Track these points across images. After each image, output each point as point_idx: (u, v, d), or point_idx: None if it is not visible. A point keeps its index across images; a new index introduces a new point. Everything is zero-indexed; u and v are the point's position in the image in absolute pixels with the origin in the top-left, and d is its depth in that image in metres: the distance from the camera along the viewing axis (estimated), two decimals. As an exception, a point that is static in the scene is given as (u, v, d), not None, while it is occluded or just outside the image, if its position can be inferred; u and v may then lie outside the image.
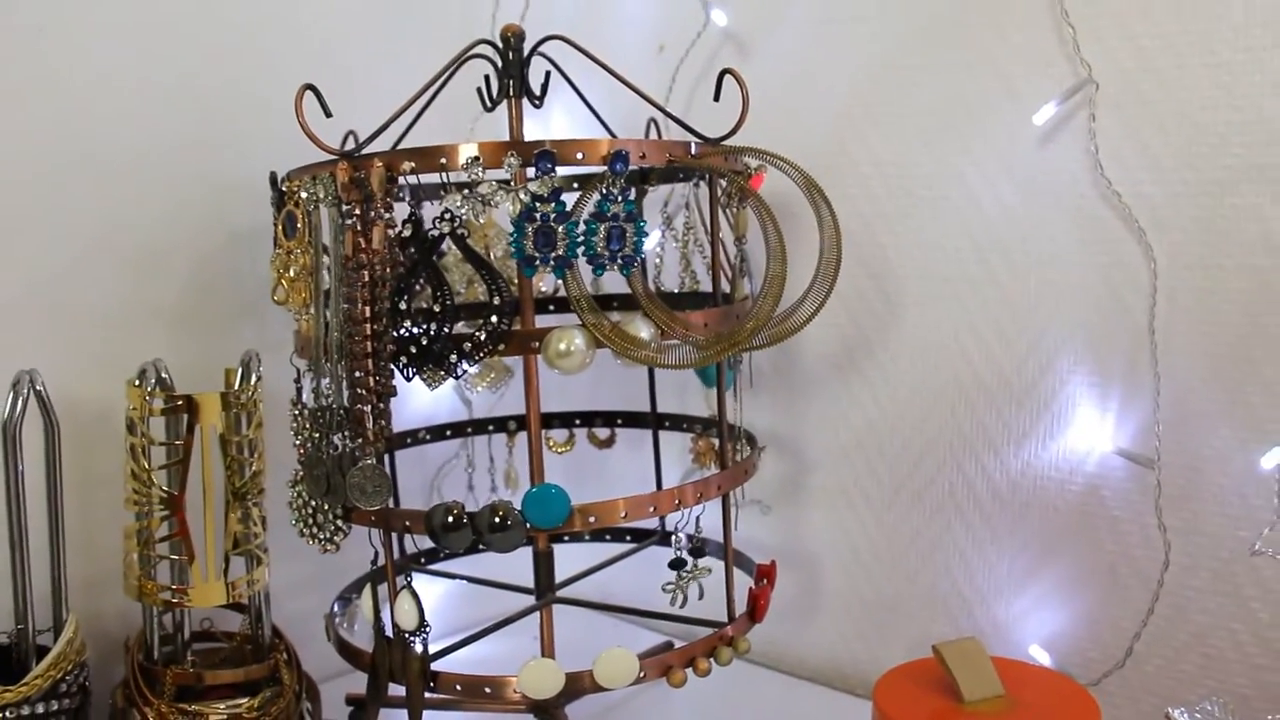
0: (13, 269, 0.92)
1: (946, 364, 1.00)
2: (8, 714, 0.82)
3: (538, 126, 1.06)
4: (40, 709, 0.83)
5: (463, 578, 1.05)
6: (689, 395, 1.10)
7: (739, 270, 0.92)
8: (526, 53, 0.86)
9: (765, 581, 0.93)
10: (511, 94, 0.87)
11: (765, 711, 1.05)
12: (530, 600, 0.96)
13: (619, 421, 1.09)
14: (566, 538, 1.07)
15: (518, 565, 1.05)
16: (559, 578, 0.95)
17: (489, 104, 0.90)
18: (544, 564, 0.93)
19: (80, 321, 0.96)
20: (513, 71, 0.87)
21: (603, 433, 1.10)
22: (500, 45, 0.86)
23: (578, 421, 1.09)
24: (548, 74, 0.88)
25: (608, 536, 1.12)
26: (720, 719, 1.03)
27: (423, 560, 1.05)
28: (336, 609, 0.97)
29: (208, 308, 1.02)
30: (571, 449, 1.10)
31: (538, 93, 0.86)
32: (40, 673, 0.83)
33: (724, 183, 0.87)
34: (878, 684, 0.83)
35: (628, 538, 1.11)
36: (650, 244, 0.97)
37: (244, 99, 1.04)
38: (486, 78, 0.86)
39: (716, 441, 1.02)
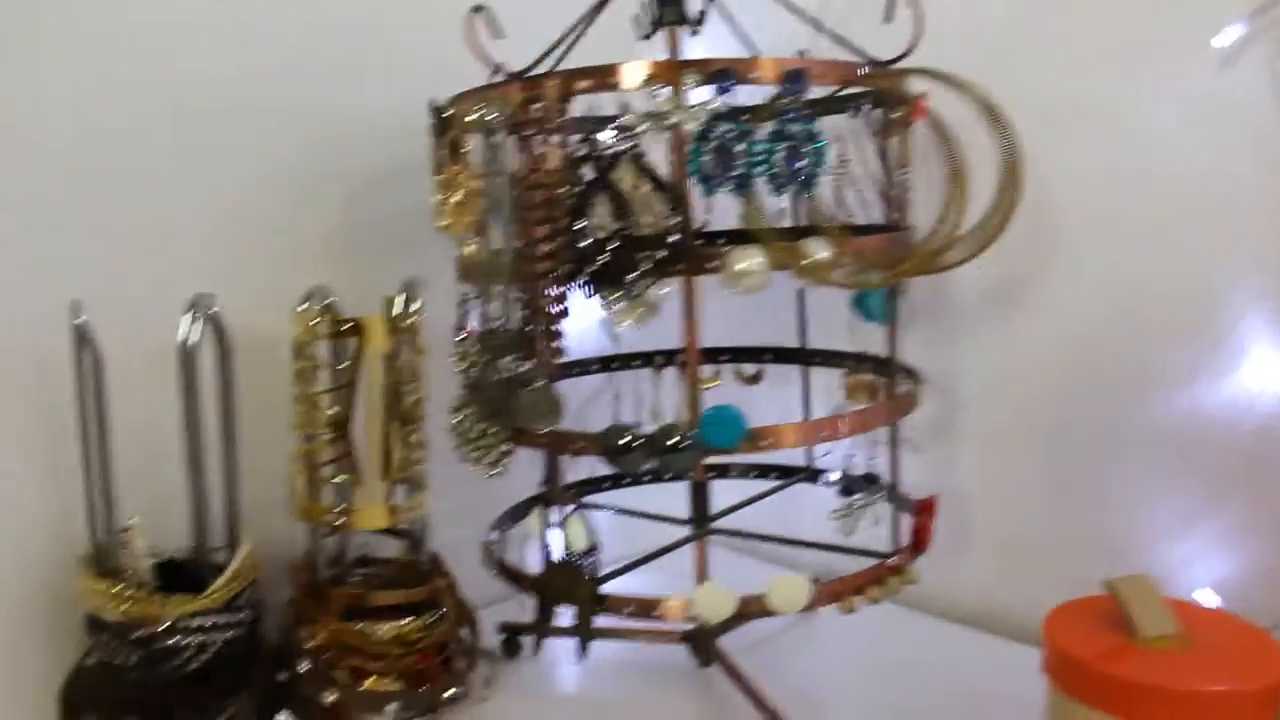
0: (183, 202, 0.94)
1: (1110, 299, 0.97)
2: (191, 623, 0.84)
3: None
4: (220, 620, 0.85)
5: (618, 510, 1.05)
6: (833, 334, 1.08)
7: (906, 198, 0.90)
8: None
9: (926, 514, 0.92)
10: (668, 21, 0.86)
11: (915, 654, 1.04)
12: (684, 532, 0.96)
13: (768, 357, 1.07)
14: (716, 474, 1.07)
15: (665, 500, 1.06)
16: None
17: (648, 30, 0.89)
18: (701, 496, 0.93)
19: (245, 253, 0.97)
20: (671, -1, 0.85)
21: (749, 370, 1.08)
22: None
23: (725, 357, 1.08)
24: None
25: (754, 474, 1.11)
26: (869, 661, 1.03)
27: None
28: (494, 535, 0.97)
29: (363, 239, 1.03)
30: (717, 385, 1.09)
31: (694, 19, 0.85)
32: (220, 586, 0.85)
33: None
34: (1049, 617, 0.81)
35: (773, 475, 1.11)
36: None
37: (395, 31, 1.04)
38: (644, 3, 0.85)
39: (869, 378, 1.00)
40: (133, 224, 0.92)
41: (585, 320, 0.82)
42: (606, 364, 1.06)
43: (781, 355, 1.07)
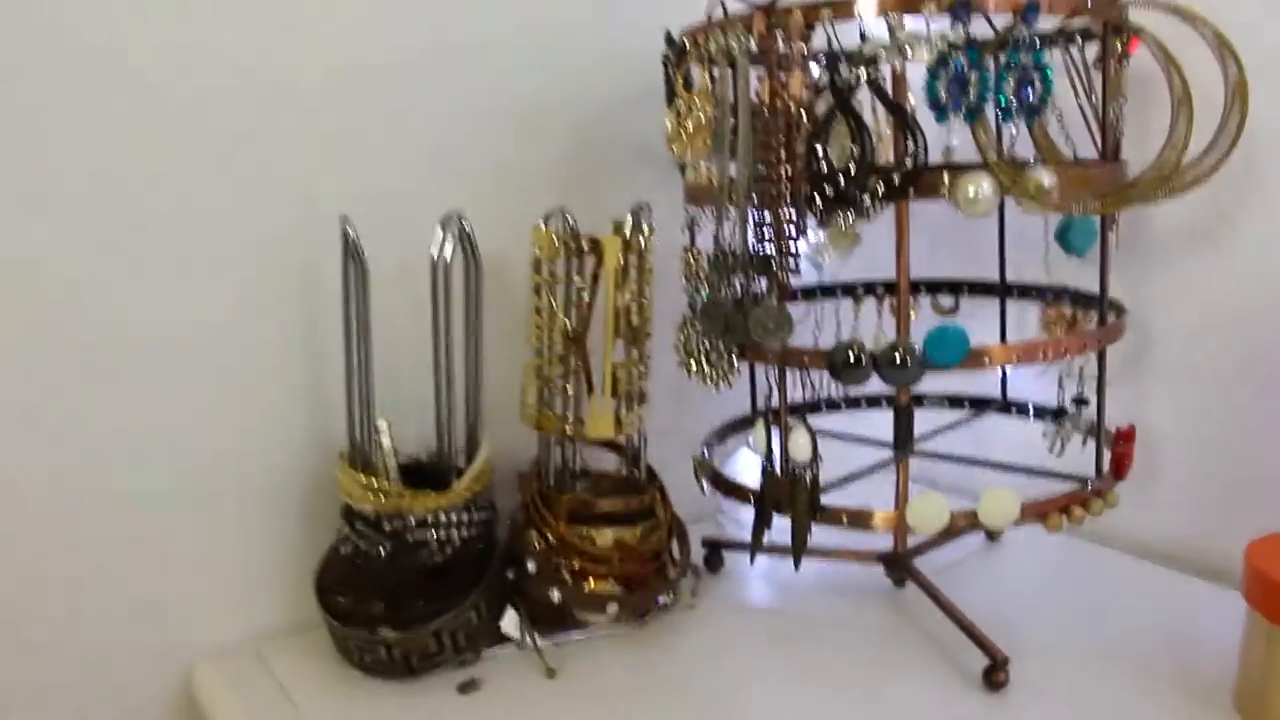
0: (434, 130, 1.02)
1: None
2: (438, 518, 0.91)
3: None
4: (462, 517, 0.93)
5: (825, 433, 1.10)
6: (1025, 268, 1.11)
7: (1120, 130, 0.92)
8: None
9: (1127, 442, 0.94)
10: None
11: (1102, 587, 1.07)
12: (886, 455, 1.00)
13: (965, 290, 1.11)
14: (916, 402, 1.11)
15: (862, 424, 1.10)
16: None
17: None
18: (905, 419, 0.97)
19: (488, 175, 1.05)
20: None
21: (947, 301, 1.12)
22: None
23: (922, 289, 1.12)
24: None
25: (947, 405, 1.15)
26: (1058, 591, 1.06)
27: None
28: (705, 453, 1.03)
29: (592, 164, 1.10)
30: (916, 317, 1.13)
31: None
32: (465, 485, 0.93)
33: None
34: (1251, 546, 0.83)
35: (966, 406, 1.14)
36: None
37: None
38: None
39: (1067, 310, 1.03)
40: (391, 147, 1.00)
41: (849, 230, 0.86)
42: (809, 294, 1.10)
43: (978, 288, 1.10)
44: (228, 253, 0.93)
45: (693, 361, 0.92)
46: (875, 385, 1.06)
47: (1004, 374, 1.12)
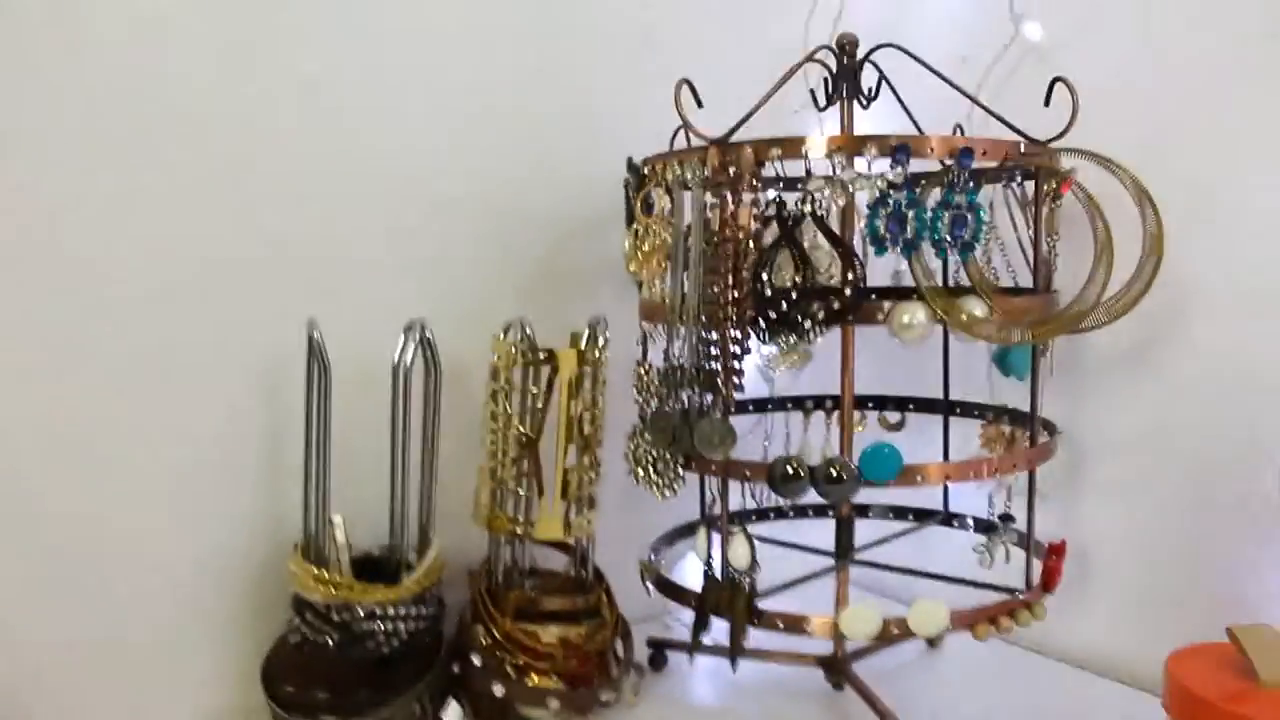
0: (404, 241, 1.07)
1: (1245, 373, 1.03)
2: (386, 611, 0.94)
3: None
4: (410, 611, 0.95)
5: (770, 540, 1.13)
6: (970, 386, 1.16)
7: (1052, 265, 0.98)
8: (860, 59, 0.95)
9: (1057, 556, 0.99)
10: (845, 95, 0.96)
11: (1036, 694, 1.10)
12: (828, 563, 1.04)
13: (910, 406, 1.16)
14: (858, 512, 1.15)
15: (807, 533, 1.14)
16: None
17: (822, 104, 0.99)
18: (846, 529, 1.02)
19: (452, 287, 1.09)
20: (846, 75, 0.96)
21: (893, 417, 1.17)
22: (837, 51, 0.95)
23: (870, 405, 1.16)
24: (880, 79, 0.97)
25: (892, 515, 1.19)
26: (992, 698, 1.09)
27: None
28: (651, 556, 1.06)
29: (552, 281, 1.15)
30: (863, 430, 1.17)
31: (868, 95, 0.95)
32: (416, 580, 0.96)
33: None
34: (1171, 658, 0.87)
35: (910, 517, 1.18)
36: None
37: (590, 97, 1.17)
38: (825, 80, 0.96)
39: (1006, 429, 1.08)
40: (360, 256, 1.04)
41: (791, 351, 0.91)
42: (760, 406, 1.15)
43: (924, 405, 1.15)
44: (198, 350, 0.97)
45: (640, 470, 0.96)
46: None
47: (945, 488, 1.17)
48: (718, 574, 0.94)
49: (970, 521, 1.15)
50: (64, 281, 0.91)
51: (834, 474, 0.86)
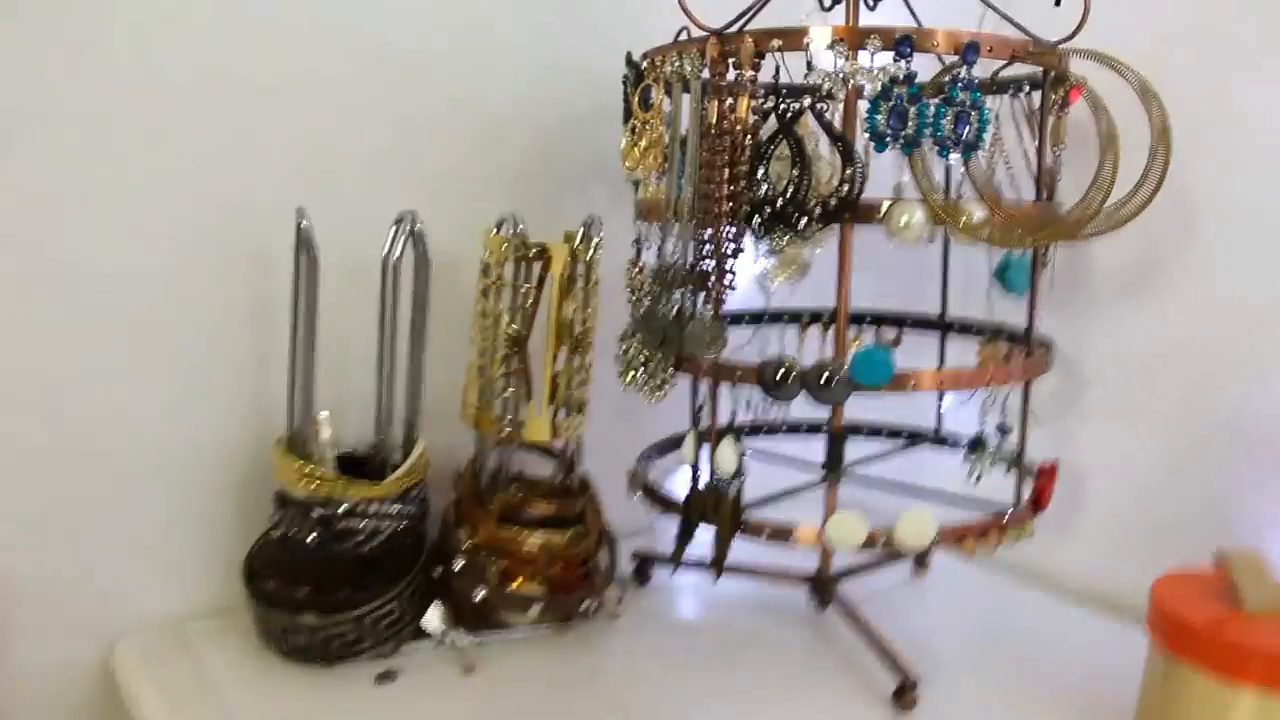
0: (398, 134, 1.04)
1: (1246, 287, 1.01)
2: (368, 508, 0.93)
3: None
4: (393, 509, 0.94)
5: (761, 452, 1.11)
6: (969, 305, 1.13)
7: (1057, 175, 0.96)
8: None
9: (1048, 477, 0.97)
10: (850, -3, 0.94)
11: (1021, 622, 1.09)
12: (814, 477, 1.03)
13: (907, 323, 1.14)
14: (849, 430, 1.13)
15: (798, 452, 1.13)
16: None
17: (828, 4, 0.97)
18: (836, 445, 1.00)
19: (445, 181, 1.07)
20: (856, -27, 0.93)
21: (889, 333, 1.15)
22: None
23: (867, 320, 1.14)
24: (888, -23, 0.94)
25: (883, 435, 1.17)
26: (976, 624, 1.08)
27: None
28: (640, 466, 1.05)
29: (547, 178, 1.12)
30: (859, 345, 1.15)
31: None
32: (398, 477, 0.94)
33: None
34: (1157, 581, 0.86)
35: (903, 437, 1.17)
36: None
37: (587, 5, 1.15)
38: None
39: (1004, 347, 1.06)
40: (350, 147, 1.02)
41: (740, 277, 0.89)
42: (756, 319, 1.13)
43: (921, 322, 1.13)
44: (183, 235, 0.95)
45: (630, 372, 0.94)
46: (815, 411, 1.09)
47: (939, 406, 1.15)
48: (704, 481, 0.92)
49: (965, 444, 1.13)
50: (55, 175, 0.89)
51: (826, 377, 0.84)
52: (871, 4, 0.97)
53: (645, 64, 0.93)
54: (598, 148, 1.14)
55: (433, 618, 0.96)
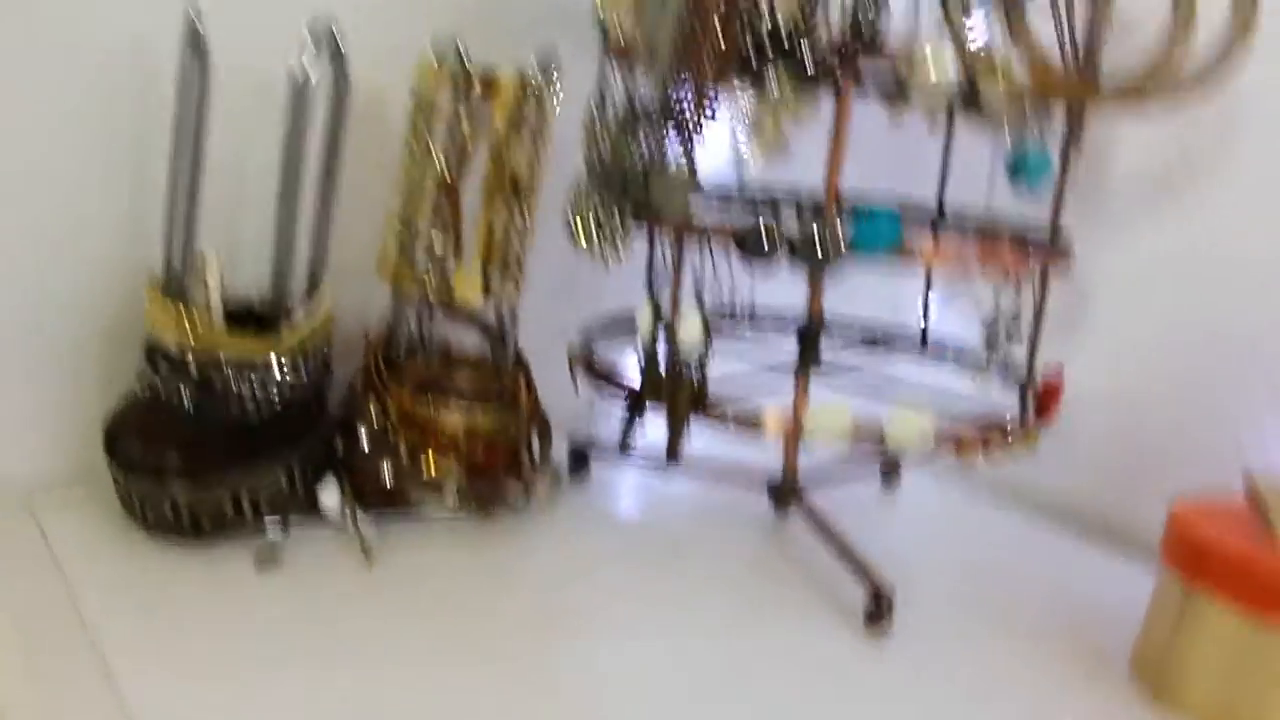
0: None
1: (1262, 185, 0.90)
2: (257, 364, 0.77)
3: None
4: (286, 368, 0.79)
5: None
6: (966, 207, 1.00)
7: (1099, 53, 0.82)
8: None
9: (1054, 385, 0.85)
10: None
11: (1001, 546, 0.98)
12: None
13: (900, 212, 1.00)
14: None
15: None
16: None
17: None
18: (811, 339, 0.86)
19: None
20: None
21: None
22: None
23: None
24: None
25: (860, 342, 1.04)
26: (953, 546, 0.97)
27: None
28: (583, 343, 0.90)
29: (496, 7, 0.96)
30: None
31: None
32: (294, 333, 0.79)
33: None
34: (1175, 505, 0.75)
35: (879, 343, 1.04)
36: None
37: None
38: None
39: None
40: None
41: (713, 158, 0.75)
42: (726, 201, 0.98)
43: (913, 213, 0.99)
44: (55, 28, 0.78)
45: (580, 225, 0.80)
46: (784, 300, 0.95)
47: (925, 305, 1.01)
48: (661, 358, 0.78)
49: (949, 352, 1.00)
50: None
51: (819, 239, 0.70)
52: None
53: None
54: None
55: (329, 495, 0.81)
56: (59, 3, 0.78)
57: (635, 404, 0.79)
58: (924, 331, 1.02)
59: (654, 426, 0.81)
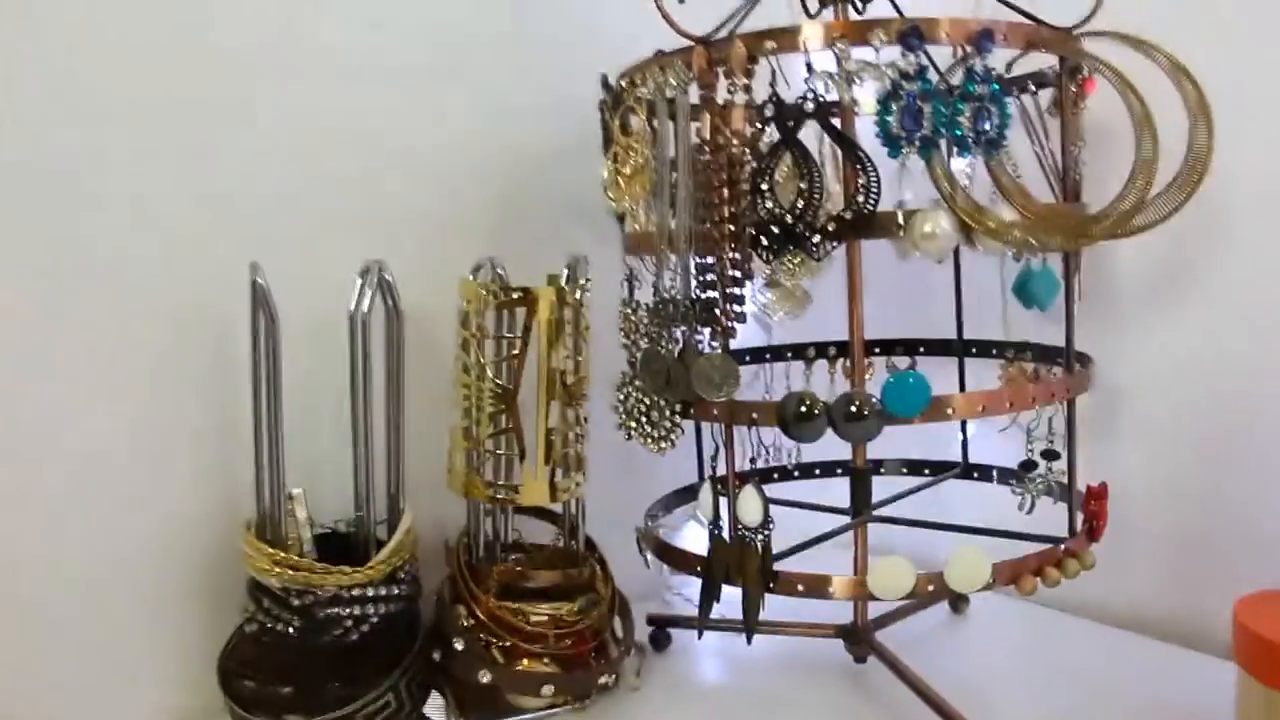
0: (356, 174, 0.95)
1: (1258, 258, 0.94)
2: (353, 593, 0.83)
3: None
4: (381, 592, 0.84)
5: (780, 501, 1.02)
6: (980, 329, 1.05)
7: (1078, 175, 0.88)
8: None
9: (1100, 499, 0.88)
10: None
11: (1075, 658, 1.00)
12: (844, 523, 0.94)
13: (921, 350, 1.05)
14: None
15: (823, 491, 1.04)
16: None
17: (813, 9, 0.89)
18: (862, 483, 0.91)
19: (412, 227, 0.98)
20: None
21: (902, 362, 1.06)
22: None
23: (876, 350, 1.06)
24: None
25: (905, 471, 1.08)
26: (1028, 665, 0.99)
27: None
28: (649, 523, 0.96)
29: (525, 219, 1.03)
30: (871, 377, 1.07)
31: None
32: (384, 559, 0.85)
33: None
34: (1239, 604, 0.77)
35: (925, 471, 1.08)
36: (960, 164, 0.93)
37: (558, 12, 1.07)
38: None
39: (1029, 366, 0.98)
40: (310, 206, 0.93)
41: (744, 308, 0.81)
42: (758, 356, 1.05)
43: (936, 347, 1.05)
44: (133, 305, 0.86)
45: (632, 422, 0.86)
46: (830, 451, 1.00)
47: (964, 436, 1.06)
48: (725, 534, 0.83)
49: (994, 473, 1.04)
50: None
51: (854, 409, 0.76)
52: (861, 6, 0.89)
53: (624, 84, 0.85)
54: (577, 183, 1.05)
55: (435, 709, 0.86)
56: (139, 276, 0.86)
57: (708, 579, 0.84)
58: (966, 457, 1.07)
59: (726, 598, 0.85)
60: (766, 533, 0.81)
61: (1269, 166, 0.94)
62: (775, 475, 1.07)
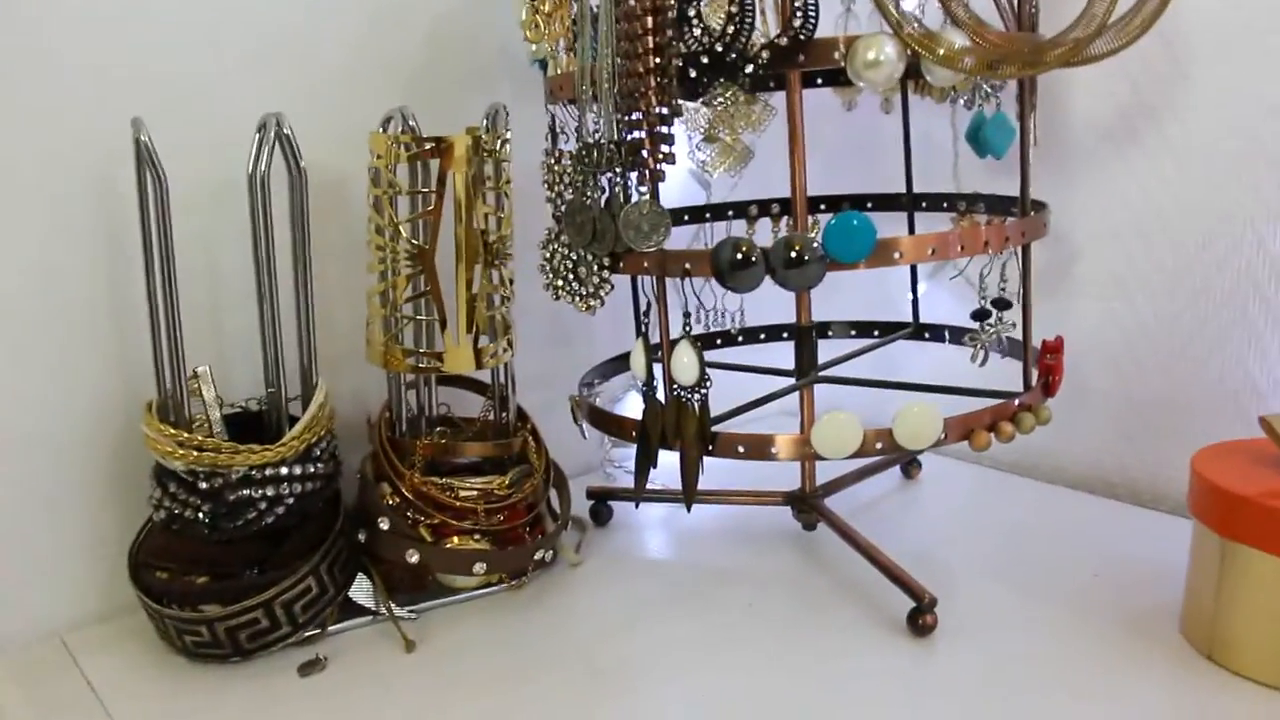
0: (250, 16, 0.86)
1: (1245, 126, 0.89)
2: (265, 473, 0.77)
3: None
4: (296, 471, 0.79)
5: (718, 365, 0.97)
6: (935, 181, 1.00)
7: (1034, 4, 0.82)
8: None
9: (1056, 353, 0.84)
10: None
11: (1028, 520, 0.97)
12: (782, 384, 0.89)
13: (869, 205, 1.00)
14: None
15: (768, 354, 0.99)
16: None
17: None
18: (807, 343, 0.87)
19: (316, 79, 0.89)
20: None
21: (851, 218, 1.00)
22: None
23: (822, 206, 1.00)
24: None
25: (853, 333, 1.04)
26: (981, 528, 0.96)
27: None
28: (582, 391, 0.90)
29: (436, 70, 0.96)
30: (815, 233, 1.01)
31: None
32: (296, 434, 0.79)
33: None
34: (1196, 457, 0.74)
35: (875, 333, 1.03)
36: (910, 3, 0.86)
37: None
38: None
39: (983, 219, 0.93)
40: (198, 38, 0.84)
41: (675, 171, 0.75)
42: (697, 215, 0.98)
43: (883, 202, 0.99)
44: (9, 171, 0.77)
45: (559, 281, 0.80)
46: (777, 314, 0.95)
47: (915, 295, 1.01)
48: (661, 395, 0.77)
49: (946, 333, 0.99)
50: None
51: (794, 254, 0.70)
52: None
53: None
54: (494, 29, 0.97)
55: (360, 591, 0.81)
56: (14, 138, 0.78)
57: (644, 445, 0.79)
58: (916, 316, 1.02)
59: (665, 465, 0.80)
60: (703, 391, 0.76)
61: (1229, 8, 0.87)
62: (718, 340, 1.01)
